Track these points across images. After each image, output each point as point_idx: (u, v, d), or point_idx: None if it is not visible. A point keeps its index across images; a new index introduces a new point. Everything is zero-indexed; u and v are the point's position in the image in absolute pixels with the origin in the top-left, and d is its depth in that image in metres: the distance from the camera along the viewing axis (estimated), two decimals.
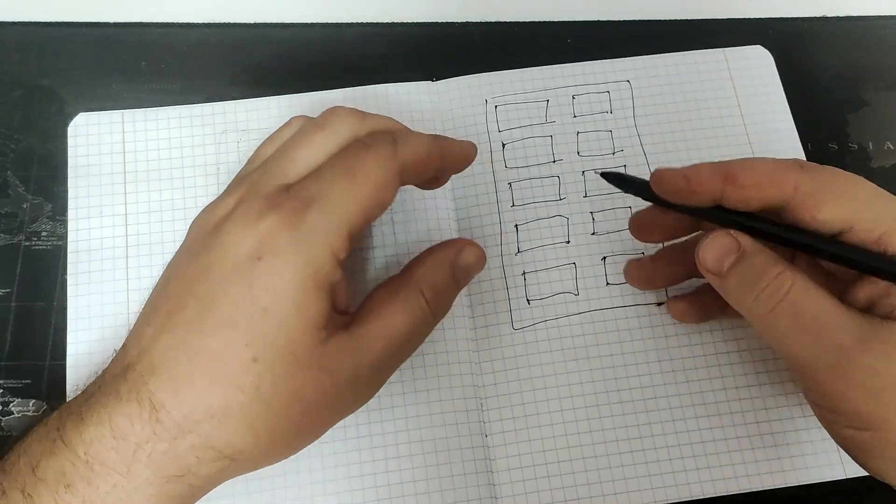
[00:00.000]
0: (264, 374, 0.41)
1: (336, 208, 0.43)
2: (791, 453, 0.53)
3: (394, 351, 0.46)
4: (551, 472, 0.53)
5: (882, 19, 0.69)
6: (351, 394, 0.46)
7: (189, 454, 0.41)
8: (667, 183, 0.46)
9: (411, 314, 0.46)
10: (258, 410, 0.42)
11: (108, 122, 0.60)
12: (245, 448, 0.42)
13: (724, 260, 0.45)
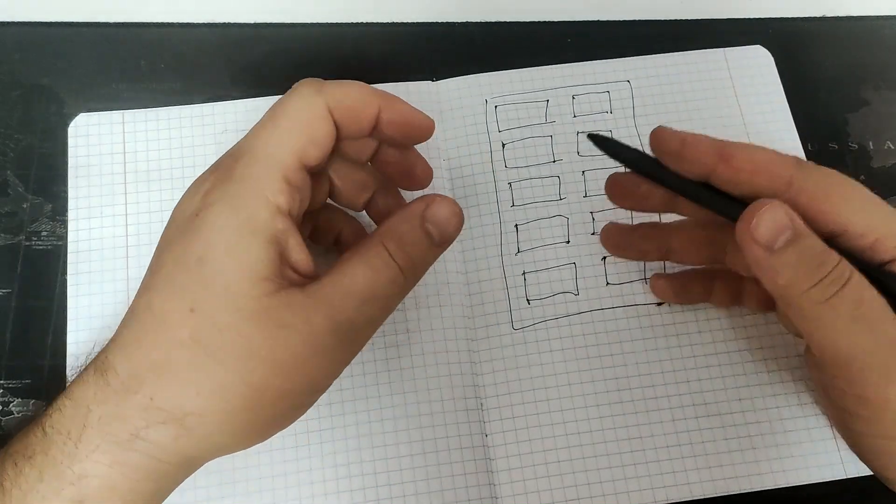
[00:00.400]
0: (203, 324, 0.41)
1: (263, 153, 0.43)
2: (791, 453, 0.53)
3: (353, 308, 0.43)
4: (551, 472, 0.53)
5: (882, 19, 0.69)
6: (311, 353, 0.42)
7: (136, 416, 0.41)
8: (664, 141, 0.45)
9: (371, 268, 0.43)
10: (202, 364, 0.41)
11: (109, 123, 0.60)
12: (193, 408, 0.41)
13: (780, 235, 0.41)
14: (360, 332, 0.45)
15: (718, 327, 0.56)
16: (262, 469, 0.52)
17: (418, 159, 0.52)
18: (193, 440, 0.41)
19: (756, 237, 0.41)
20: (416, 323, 0.56)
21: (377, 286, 0.43)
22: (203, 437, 0.41)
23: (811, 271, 0.41)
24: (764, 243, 0.41)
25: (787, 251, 0.41)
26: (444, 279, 0.57)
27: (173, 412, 0.41)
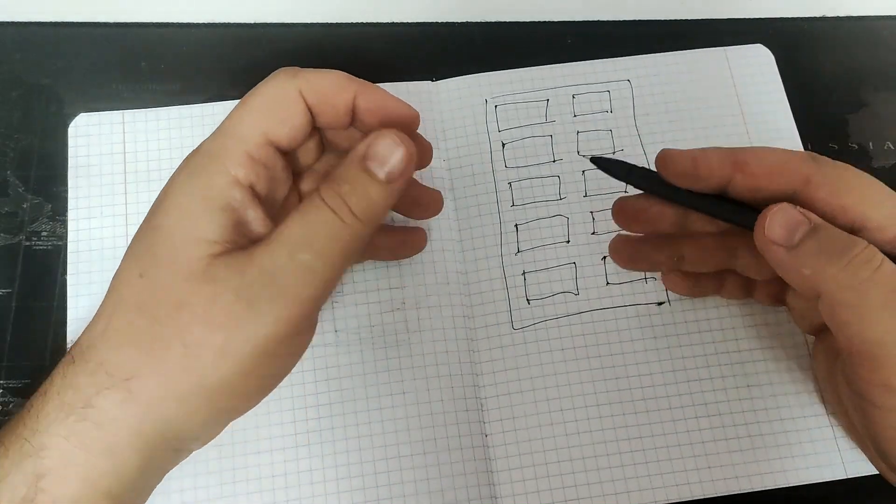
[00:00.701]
0: (148, 288, 0.41)
1: (229, 130, 0.44)
2: (792, 453, 0.53)
3: (288, 255, 0.42)
4: (551, 472, 0.53)
5: (882, 19, 0.69)
6: (248, 311, 0.41)
7: (88, 383, 0.41)
8: (673, 163, 0.46)
9: (304, 214, 0.42)
10: (144, 326, 0.41)
11: (109, 123, 0.60)
12: (134, 369, 0.41)
13: (795, 231, 0.42)
14: (302, 284, 0.42)
15: (718, 327, 0.56)
16: (262, 469, 0.52)
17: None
18: (139, 407, 0.41)
19: (773, 238, 0.42)
20: (416, 323, 0.56)
21: (311, 233, 0.42)
22: (148, 404, 0.41)
23: (836, 255, 0.41)
24: (782, 241, 0.42)
25: (806, 242, 0.42)
26: (444, 279, 0.57)
27: (119, 375, 0.41)
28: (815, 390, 0.55)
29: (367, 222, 0.42)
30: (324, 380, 0.54)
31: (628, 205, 0.51)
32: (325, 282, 0.42)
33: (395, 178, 0.42)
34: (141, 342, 0.41)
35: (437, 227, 0.58)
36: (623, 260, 0.56)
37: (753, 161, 0.44)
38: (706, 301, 0.57)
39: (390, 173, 0.42)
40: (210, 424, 0.44)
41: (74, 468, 0.41)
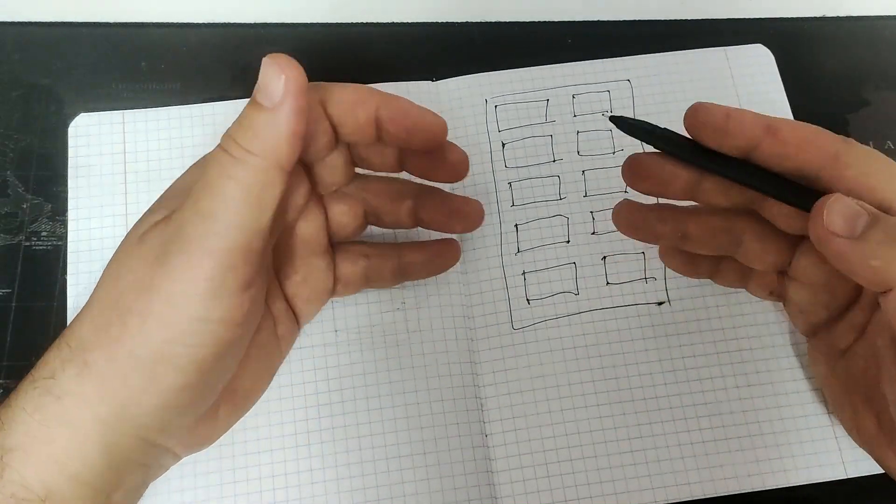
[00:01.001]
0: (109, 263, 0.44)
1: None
2: (792, 453, 0.53)
3: (191, 205, 0.41)
4: (551, 472, 0.53)
5: (882, 19, 0.69)
6: (161, 266, 0.41)
7: (53, 357, 0.42)
8: (706, 114, 0.44)
9: (204, 164, 0.42)
10: (97, 297, 0.43)
11: (109, 123, 0.60)
12: (89, 341, 0.42)
13: (857, 221, 0.40)
14: (204, 233, 0.40)
15: (719, 326, 0.56)
16: (262, 469, 0.52)
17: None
18: (93, 382, 0.41)
19: (834, 229, 0.40)
20: (416, 323, 0.56)
21: (207, 177, 0.41)
22: (100, 379, 0.42)
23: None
24: (844, 233, 0.40)
25: (871, 232, 0.40)
26: (444, 279, 0.57)
27: (76, 347, 0.42)
28: (815, 389, 0.55)
29: (262, 154, 0.40)
30: (324, 380, 0.54)
31: (641, 161, 0.48)
32: (234, 228, 0.40)
33: (280, 105, 0.40)
34: (94, 315, 0.42)
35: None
36: (625, 226, 0.52)
37: (787, 129, 0.43)
38: (706, 301, 0.57)
39: (274, 100, 0.40)
40: (165, 412, 0.43)
41: (38, 445, 0.41)
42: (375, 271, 0.54)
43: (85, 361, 0.41)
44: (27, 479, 0.40)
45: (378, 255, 0.54)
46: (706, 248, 0.51)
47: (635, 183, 0.49)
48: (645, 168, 0.48)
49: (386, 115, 0.45)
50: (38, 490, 0.41)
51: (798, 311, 0.52)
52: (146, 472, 0.47)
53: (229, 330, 0.42)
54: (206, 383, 0.44)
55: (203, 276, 0.40)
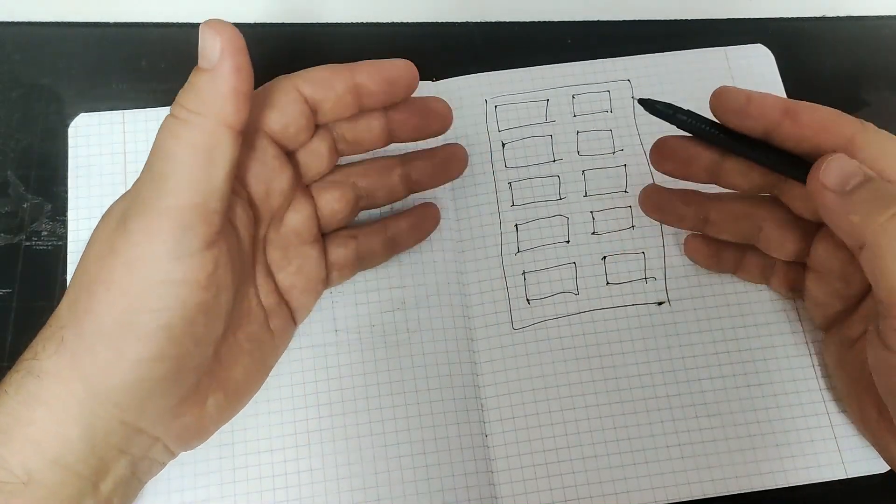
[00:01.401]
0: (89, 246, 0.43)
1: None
2: (792, 453, 0.53)
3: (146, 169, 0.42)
4: (551, 472, 0.53)
5: (882, 19, 0.69)
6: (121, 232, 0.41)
7: (38, 340, 0.43)
8: (728, 97, 0.47)
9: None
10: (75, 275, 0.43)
11: (109, 123, 0.60)
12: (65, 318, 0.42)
13: (849, 180, 0.43)
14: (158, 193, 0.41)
15: (718, 327, 0.56)
16: (262, 469, 0.52)
17: (428, 101, 0.52)
18: (68, 358, 0.42)
19: (827, 183, 0.44)
20: (416, 323, 0.56)
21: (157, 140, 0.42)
22: (73, 354, 0.41)
23: (885, 205, 0.42)
24: (835, 187, 0.43)
25: (858, 191, 0.43)
26: (444, 279, 0.57)
27: (55, 324, 0.42)
28: (815, 389, 0.55)
29: (206, 113, 0.41)
30: (324, 380, 0.54)
31: (667, 142, 0.52)
32: (186, 186, 0.41)
33: (219, 65, 0.42)
34: (69, 292, 0.43)
35: (437, 227, 0.58)
36: (650, 208, 0.56)
37: (805, 112, 0.45)
38: (706, 301, 0.57)
39: (213, 61, 0.42)
40: (135, 388, 0.42)
41: (18, 426, 0.41)
42: (366, 249, 0.55)
43: (61, 338, 0.41)
44: (9, 463, 0.40)
45: (366, 234, 0.55)
46: (727, 233, 0.54)
47: (661, 163, 0.52)
48: (670, 148, 0.52)
49: (362, 77, 0.47)
50: (20, 473, 0.40)
51: (815, 305, 0.53)
52: (133, 463, 0.46)
53: (194, 292, 0.42)
54: (178, 355, 0.43)
55: (160, 238, 0.40)
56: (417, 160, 0.54)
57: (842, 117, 0.46)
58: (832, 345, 0.53)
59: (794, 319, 0.56)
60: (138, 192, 0.41)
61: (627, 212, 0.59)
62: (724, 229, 0.54)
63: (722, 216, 0.53)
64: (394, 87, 0.48)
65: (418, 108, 0.51)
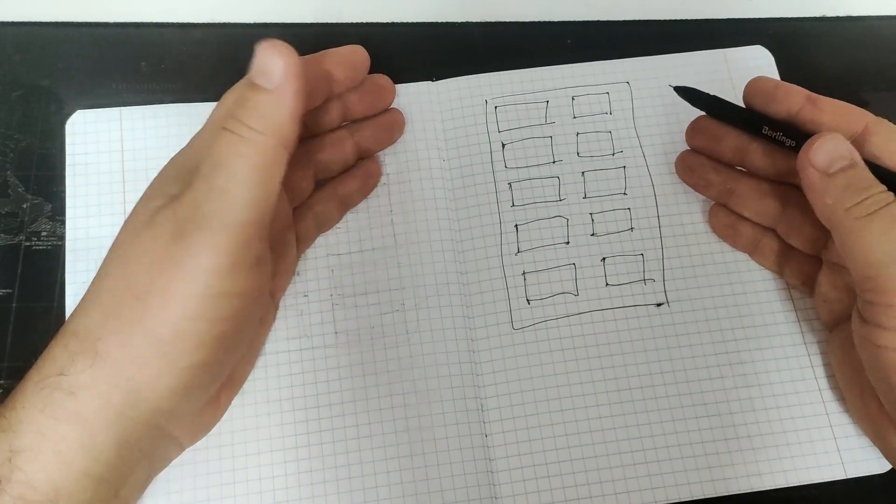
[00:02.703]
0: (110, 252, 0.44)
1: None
2: (791, 453, 0.53)
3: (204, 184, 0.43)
4: (551, 472, 0.53)
5: (882, 19, 0.69)
6: (179, 245, 0.42)
7: (62, 353, 0.42)
8: (760, 83, 0.52)
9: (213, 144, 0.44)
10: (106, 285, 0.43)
11: (107, 120, 0.60)
12: (101, 330, 0.42)
13: (836, 162, 0.46)
14: (223, 209, 0.42)
15: (718, 328, 0.56)
16: (262, 469, 0.52)
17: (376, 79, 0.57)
18: (106, 371, 0.42)
19: (813, 161, 0.47)
20: (416, 323, 0.56)
21: (219, 156, 0.43)
22: (113, 367, 0.42)
23: (856, 193, 0.46)
24: (820, 167, 0.47)
25: (839, 176, 0.46)
26: (444, 279, 0.57)
27: (88, 338, 0.42)
28: (814, 390, 0.55)
29: (269, 133, 0.43)
30: (324, 380, 0.54)
31: (700, 122, 0.56)
32: (248, 203, 0.42)
33: (282, 87, 0.43)
34: (104, 302, 0.43)
35: (436, 227, 0.58)
36: (681, 168, 0.59)
37: (825, 100, 0.50)
38: (704, 303, 0.57)
39: (275, 82, 0.43)
40: (179, 394, 0.44)
41: (48, 443, 0.41)
42: (324, 216, 0.57)
43: (96, 351, 0.42)
44: (35, 481, 0.40)
45: (320, 202, 0.57)
46: (750, 209, 0.57)
47: (693, 138, 0.57)
48: (702, 126, 0.56)
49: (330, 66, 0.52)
50: (47, 490, 0.41)
51: (824, 301, 0.54)
52: (152, 465, 0.47)
53: (245, 304, 0.44)
54: (221, 361, 0.46)
55: (223, 251, 0.42)
56: (365, 129, 0.58)
57: (858, 109, 0.49)
58: (836, 342, 0.53)
59: (792, 321, 0.56)
60: (198, 205, 0.42)
61: (626, 214, 0.59)
62: (747, 205, 0.56)
63: (749, 190, 0.56)
64: (355, 73, 0.53)
65: (369, 87, 0.57)
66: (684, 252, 0.58)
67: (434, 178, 0.59)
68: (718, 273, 0.58)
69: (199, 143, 0.47)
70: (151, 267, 0.42)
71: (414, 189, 0.59)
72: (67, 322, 0.43)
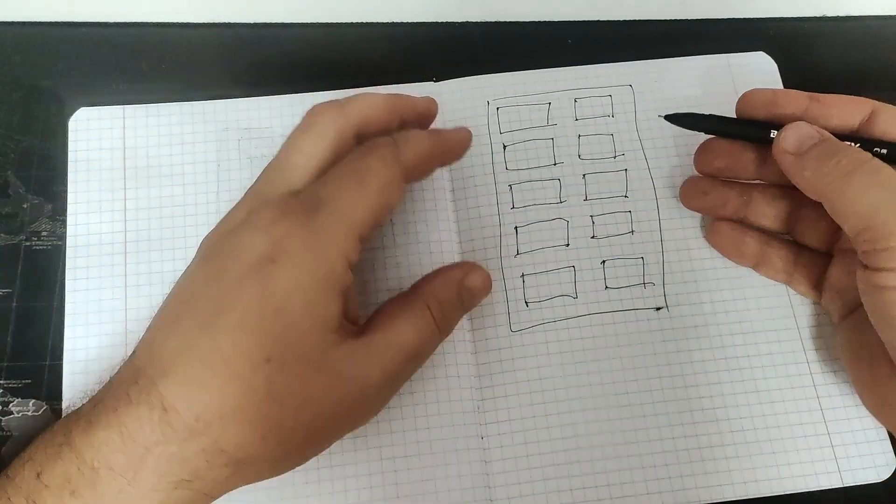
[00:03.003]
0: (276, 374, 0.42)
1: (346, 210, 0.44)
2: (788, 460, 0.53)
3: (401, 363, 0.47)
4: (547, 476, 0.53)
5: (882, 19, 0.69)
6: (360, 402, 0.45)
7: (198, 458, 0.41)
8: (757, 95, 0.53)
9: (418, 327, 0.47)
10: (269, 411, 0.42)
11: (109, 118, 0.60)
12: (254, 451, 0.42)
13: (805, 142, 0.49)
14: (400, 382, 0.49)
15: (717, 333, 0.56)
16: None
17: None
18: (243, 476, 0.44)
19: (785, 147, 0.50)
20: None
21: (422, 344, 0.48)
22: (253, 473, 0.44)
23: (829, 157, 0.48)
24: (792, 150, 0.49)
25: (811, 150, 0.49)
26: None
27: (235, 454, 0.42)
28: (813, 397, 0.55)
29: (447, 335, 0.51)
30: None
31: (710, 144, 0.56)
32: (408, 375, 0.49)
33: (470, 308, 0.53)
34: (266, 427, 0.42)
35: (436, 228, 0.58)
36: (696, 195, 0.58)
37: (828, 95, 0.52)
38: (703, 307, 0.57)
39: (471, 304, 0.52)
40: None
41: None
42: None
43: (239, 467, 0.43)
44: None
45: None
46: (768, 216, 0.57)
47: (710, 162, 0.57)
48: (715, 148, 0.56)
49: (448, 157, 0.53)
50: None
51: (836, 293, 0.54)
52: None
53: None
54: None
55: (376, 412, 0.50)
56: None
57: (862, 98, 0.51)
58: (847, 326, 0.54)
59: (791, 327, 0.57)
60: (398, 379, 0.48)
61: (627, 216, 0.59)
62: (765, 212, 0.57)
63: (762, 197, 0.57)
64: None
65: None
66: (685, 256, 0.58)
67: (434, 179, 0.59)
68: (718, 278, 0.58)
69: None
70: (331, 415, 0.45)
71: (414, 190, 0.59)
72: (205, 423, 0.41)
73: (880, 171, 0.46)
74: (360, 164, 0.46)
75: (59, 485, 0.41)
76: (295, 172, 0.46)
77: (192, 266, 0.46)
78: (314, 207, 0.44)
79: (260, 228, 0.43)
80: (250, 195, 0.47)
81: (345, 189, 0.45)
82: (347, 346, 0.44)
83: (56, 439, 0.42)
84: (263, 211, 0.44)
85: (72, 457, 0.41)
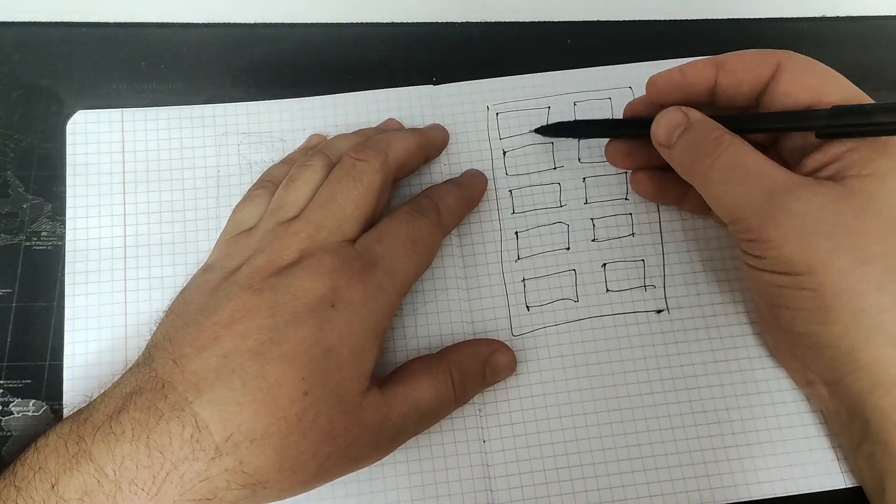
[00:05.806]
0: (309, 408, 0.44)
1: (399, 271, 0.49)
2: (790, 462, 0.53)
3: (415, 418, 0.49)
4: (549, 479, 0.53)
5: (882, 19, 0.69)
6: (370, 448, 0.47)
7: (220, 478, 0.42)
8: (663, 80, 0.52)
9: (436, 389, 0.50)
10: (293, 442, 0.43)
11: (108, 121, 0.60)
12: (271, 477, 0.43)
13: (674, 132, 0.50)
14: (408, 435, 0.50)
15: (717, 335, 0.56)
16: None
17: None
18: (254, 500, 0.44)
19: (658, 140, 0.51)
20: (414, 329, 0.56)
21: (438, 407, 0.50)
22: (262, 497, 0.44)
23: (692, 148, 0.49)
24: (664, 142, 0.51)
25: (678, 143, 0.50)
26: (444, 285, 0.57)
27: (256, 477, 0.43)
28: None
29: (463, 403, 0.53)
30: None
31: (616, 145, 0.58)
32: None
33: (491, 385, 0.55)
34: (287, 456, 0.44)
35: None
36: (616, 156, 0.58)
37: (732, 59, 0.50)
38: (704, 310, 0.57)
39: (493, 381, 0.54)
40: None
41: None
42: None
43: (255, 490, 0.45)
44: None
45: None
46: None
47: (621, 162, 0.58)
48: (616, 150, 0.57)
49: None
50: None
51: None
52: None
53: None
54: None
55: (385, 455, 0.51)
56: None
57: (766, 51, 0.50)
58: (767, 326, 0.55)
59: None
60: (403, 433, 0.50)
61: (627, 219, 0.59)
62: None
63: None
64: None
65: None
66: (685, 258, 0.58)
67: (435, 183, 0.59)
68: (719, 280, 0.58)
69: None
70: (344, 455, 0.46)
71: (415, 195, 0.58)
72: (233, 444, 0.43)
73: (738, 162, 0.47)
74: (414, 229, 0.51)
75: (76, 497, 0.41)
76: (348, 224, 0.50)
77: (229, 289, 0.47)
78: (372, 263, 0.48)
79: (321, 273, 0.47)
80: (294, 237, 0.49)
81: (399, 252, 0.50)
82: (371, 395, 0.47)
83: (69, 448, 0.42)
84: (324, 256, 0.47)
85: (90, 469, 0.41)
